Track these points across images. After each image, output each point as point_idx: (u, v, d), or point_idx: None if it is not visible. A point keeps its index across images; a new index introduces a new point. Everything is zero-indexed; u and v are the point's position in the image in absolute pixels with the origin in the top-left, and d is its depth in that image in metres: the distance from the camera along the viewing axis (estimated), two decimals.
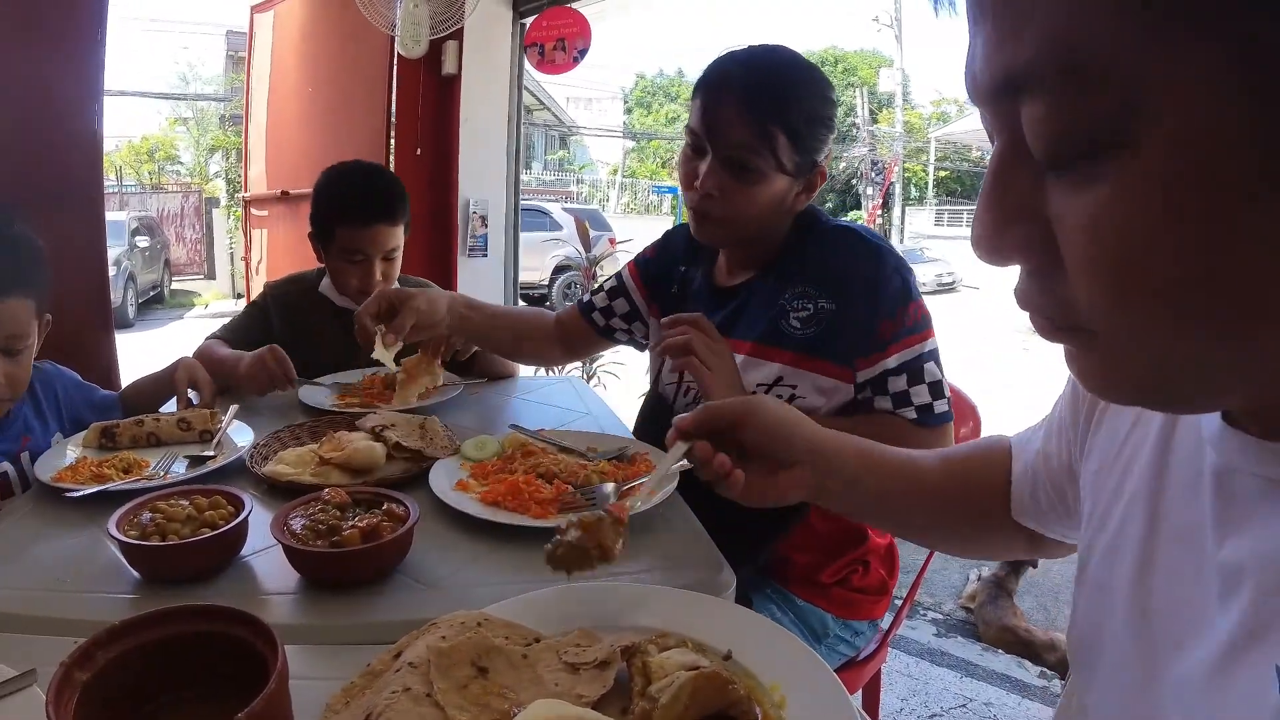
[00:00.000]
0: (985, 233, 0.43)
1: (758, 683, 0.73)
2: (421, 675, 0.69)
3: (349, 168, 2.06)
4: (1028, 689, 2.77)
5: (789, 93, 1.36)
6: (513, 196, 4.59)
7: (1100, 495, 0.64)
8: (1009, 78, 0.39)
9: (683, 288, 1.66)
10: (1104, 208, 0.37)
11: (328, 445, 1.35)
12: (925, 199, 30.47)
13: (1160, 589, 0.55)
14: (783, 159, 1.36)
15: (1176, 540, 0.55)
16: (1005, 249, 0.43)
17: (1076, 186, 0.38)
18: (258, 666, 0.61)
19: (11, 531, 1.14)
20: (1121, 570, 0.59)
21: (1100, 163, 0.37)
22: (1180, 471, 0.56)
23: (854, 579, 1.50)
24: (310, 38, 4.86)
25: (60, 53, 2.36)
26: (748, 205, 1.39)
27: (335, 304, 2.07)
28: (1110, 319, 0.40)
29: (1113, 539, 0.61)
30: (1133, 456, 0.61)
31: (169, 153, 20.75)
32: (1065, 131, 0.37)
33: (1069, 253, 0.40)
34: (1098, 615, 0.61)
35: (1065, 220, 0.39)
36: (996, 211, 0.42)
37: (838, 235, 1.44)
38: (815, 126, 1.38)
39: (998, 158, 0.42)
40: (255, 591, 1.00)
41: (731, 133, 1.36)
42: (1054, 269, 0.41)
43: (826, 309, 1.37)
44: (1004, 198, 0.42)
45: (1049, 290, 0.43)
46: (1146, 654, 0.55)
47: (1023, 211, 0.41)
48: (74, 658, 0.59)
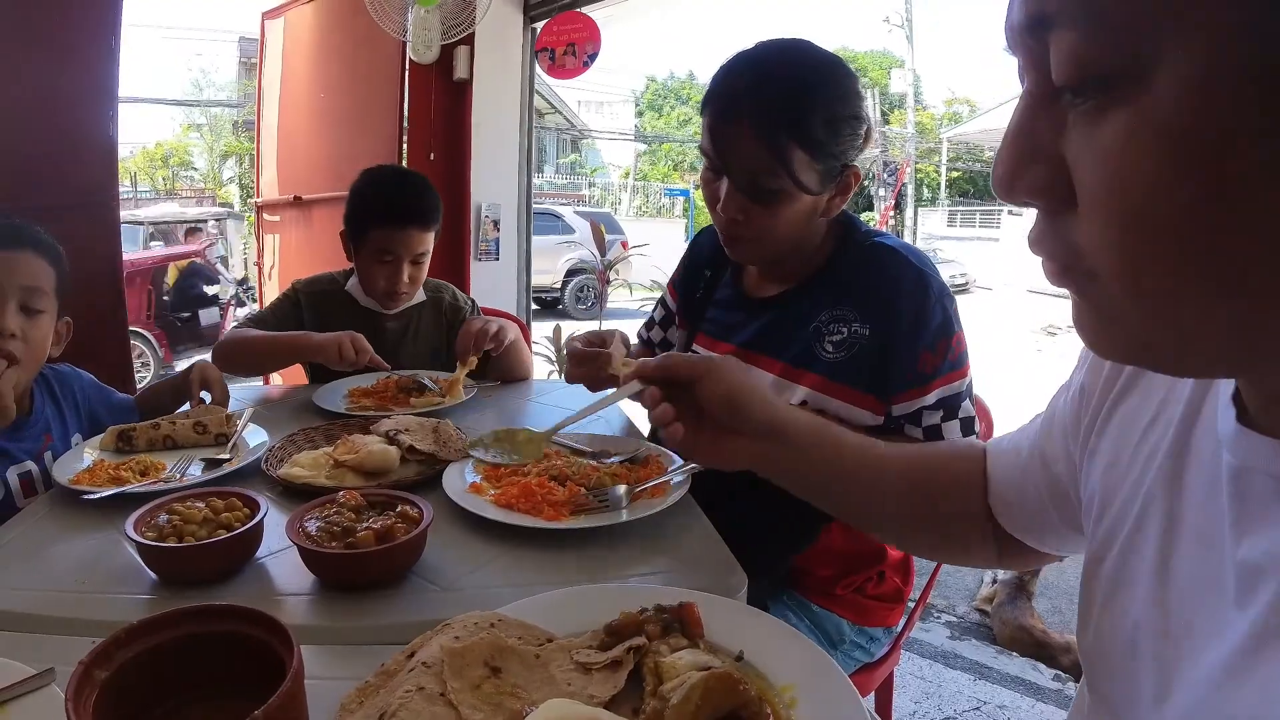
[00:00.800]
0: (1006, 170, 0.44)
1: (769, 684, 0.73)
2: (435, 675, 0.69)
3: (388, 170, 2.11)
4: (1042, 692, 2.75)
5: (802, 101, 1.25)
6: (525, 200, 4.60)
7: (1114, 493, 0.64)
8: (1040, 13, 0.41)
9: (707, 292, 1.61)
10: (1115, 141, 0.38)
11: (342, 448, 1.36)
12: (938, 200, 30.34)
13: (1180, 588, 0.55)
14: (802, 177, 1.27)
15: (1196, 540, 0.54)
16: (1023, 187, 0.44)
17: (1093, 120, 0.40)
18: (274, 666, 0.61)
19: (30, 533, 1.16)
20: (1141, 568, 0.59)
21: (1116, 95, 0.38)
22: (1199, 472, 0.55)
23: (869, 587, 1.49)
24: (322, 44, 4.89)
25: (75, 60, 2.39)
26: (774, 226, 1.32)
27: (360, 304, 2.09)
28: (1112, 257, 0.41)
29: (1130, 537, 0.61)
30: (1151, 454, 0.60)
31: (183, 158, 20.90)
32: (1086, 57, 0.39)
33: (1081, 189, 0.41)
34: (1115, 613, 0.61)
35: (1082, 157, 0.41)
36: (1019, 150, 0.44)
37: (878, 255, 1.36)
38: (837, 129, 1.27)
39: (1025, 100, 0.44)
40: (271, 592, 1.01)
41: (744, 156, 1.28)
42: (1067, 211, 0.43)
43: (860, 334, 1.32)
44: (1027, 138, 0.44)
45: (1060, 234, 0.44)
46: (1167, 653, 0.54)
47: (1043, 151, 0.43)
48: (93, 656, 0.60)
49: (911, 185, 25.41)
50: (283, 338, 1.93)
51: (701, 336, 1.56)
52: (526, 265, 4.69)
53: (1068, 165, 0.42)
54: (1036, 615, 3.09)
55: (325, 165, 4.65)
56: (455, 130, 4.30)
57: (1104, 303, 0.44)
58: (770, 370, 1.40)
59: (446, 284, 2.25)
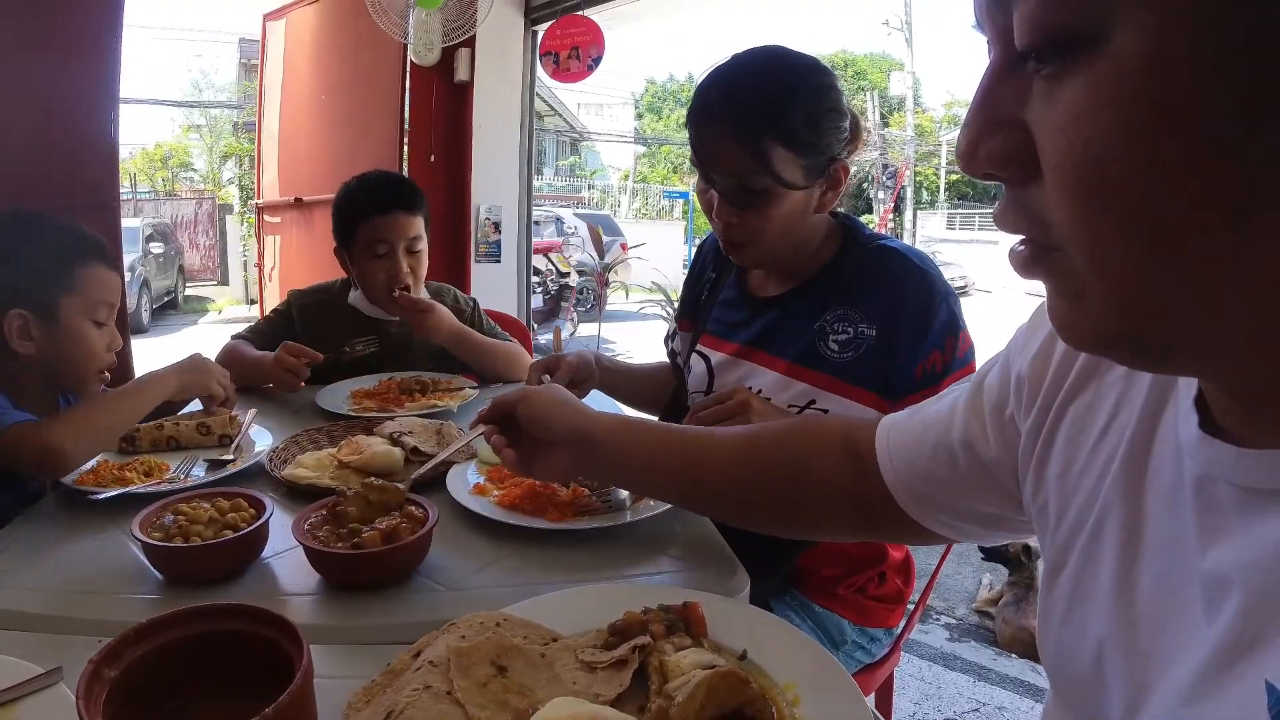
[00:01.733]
0: (968, 140, 0.44)
1: (772, 682, 0.74)
2: (441, 674, 0.70)
3: (365, 174, 2.09)
4: (1040, 693, 2.76)
5: (776, 101, 1.28)
6: (525, 202, 4.61)
7: (1069, 500, 0.62)
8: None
9: (711, 293, 1.62)
10: (1074, 105, 0.38)
11: (346, 449, 1.37)
12: (937, 202, 30.36)
13: (1144, 601, 0.53)
14: (785, 174, 1.29)
15: (1158, 551, 0.53)
16: (984, 156, 0.43)
17: (1053, 85, 0.39)
18: (281, 665, 0.62)
19: (36, 534, 1.16)
20: (1101, 580, 0.57)
21: (1076, 59, 0.38)
22: (1158, 480, 0.54)
23: (870, 588, 1.50)
24: (323, 45, 4.90)
25: (76, 61, 2.39)
26: (767, 227, 1.34)
27: (365, 314, 2.09)
28: (1074, 226, 0.40)
29: (1087, 547, 0.59)
30: (1107, 460, 0.59)
31: (183, 160, 20.91)
32: (1046, 20, 0.38)
33: (1043, 156, 0.41)
34: (1076, 627, 0.59)
35: (1042, 123, 0.40)
36: (982, 119, 0.43)
37: (883, 257, 1.38)
38: (816, 123, 1.29)
39: (989, 70, 0.43)
40: (276, 592, 1.01)
41: (725, 161, 1.31)
42: (1031, 182, 0.42)
43: (867, 334, 1.33)
44: (990, 108, 0.43)
45: (1025, 206, 0.43)
46: (1135, 668, 0.53)
47: (1006, 120, 0.42)
48: (103, 655, 0.61)
49: (911, 188, 25.41)
50: (249, 358, 1.92)
51: (706, 337, 1.56)
52: (527, 268, 4.70)
53: (1031, 134, 0.41)
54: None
55: (326, 167, 4.66)
56: (456, 132, 4.31)
57: (1070, 280, 0.43)
58: (773, 369, 1.41)
59: (447, 286, 2.25)
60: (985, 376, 0.76)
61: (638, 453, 1.04)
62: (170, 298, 13.88)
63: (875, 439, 0.87)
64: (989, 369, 0.76)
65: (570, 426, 1.04)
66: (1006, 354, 0.74)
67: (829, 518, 0.95)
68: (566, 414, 1.06)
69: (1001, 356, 0.75)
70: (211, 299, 14.91)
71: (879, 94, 30.42)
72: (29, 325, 1.37)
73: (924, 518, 0.84)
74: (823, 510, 0.94)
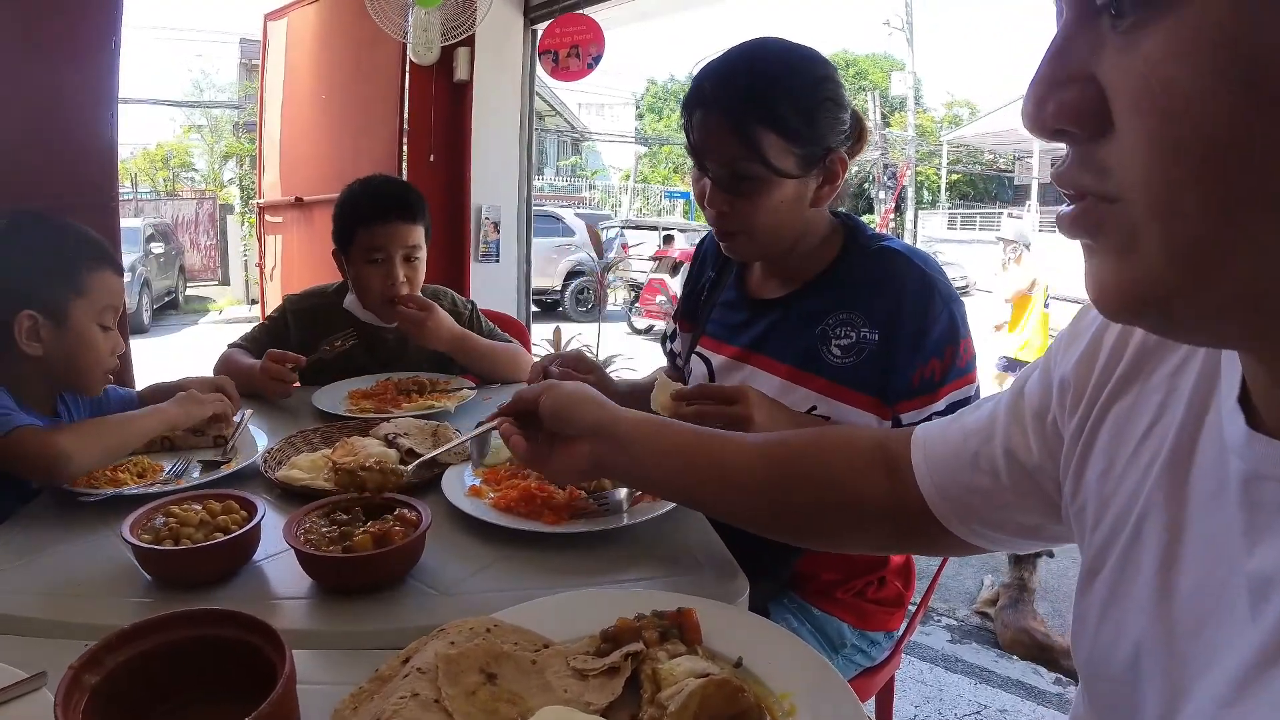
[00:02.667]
0: (1037, 94, 0.43)
1: (768, 690, 0.73)
2: (430, 681, 0.68)
3: (367, 178, 2.08)
4: (1043, 696, 2.75)
5: (769, 89, 1.27)
6: (525, 202, 4.60)
7: (1110, 501, 0.61)
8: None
9: (710, 293, 1.60)
10: (1154, 54, 0.37)
11: (341, 450, 1.35)
12: (938, 202, 30.36)
13: (1185, 601, 0.53)
14: (776, 161, 1.27)
15: (1201, 550, 0.52)
16: (1053, 110, 0.43)
17: (1132, 37, 0.38)
18: (266, 671, 0.61)
19: (27, 535, 1.15)
20: (1141, 580, 0.56)
21: (1157, 8, 0.37)
22: (1204, 479, 0.53)
23: (870, 591, 1.48)
24: (323, 45, 4.89)
25: (74, 61, 2.39)
26: (760, 217, 1.32)
27: (360, 319, 2.08)
28: (1143, 172, 0.39)
29: (1127, 547, 0.59)
30: (1150, 461, 0.58)
31: (184, 160, 20.91)
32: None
33: (1117, 107, 0.40)
34: (1114, 627, 0.59)
35: (1117, 75, 0.40)
36: (1052, 73, 0.43)
37: (885, 259, 1.35)
38: (810, 112, 1.28)
39: (1064, 26, 0.42)
40: (267, 596, 1.00)
41: (717, 148, 1.30)
42: (1098, 135, 0.41)
43: (869, 339, 1.31)
44: (1061, 61, 0.42)
45: (1088, 159, 0.43)
46: (1173, 670, 0.52)
47: (1078, 73, 0.42)
48: (83, 661, 0.60)
49: (912, 188, 25.40)
50: (243, 368, 1.89)
51: (705, 339, 1.55)
52: (526, 267, 4.69)
53: (1102, 87, 0.41)
54: (1039, 618, 3.08)
55: (327, 166, 4.66)
56: (455, 132, 4.30)
57: (1124, 232, 0.42)
58: (774, 373, 1.39)
59: (445, 289, 2.23)
60: (1026, 383, 0.75)
61: (665, 452, 1.00)
62: (171, 298, 13.88)
63: (910, 452, 0.86)
64: (1029, 375, 0.76)
65: (594, 420, 1.00)
66: (1048, 360, 0.73)
67: (862, 530, 0.92)
68: (591, 408, 1.01)
69: (1042, 363, 0.74)
70: (212, 299, 14.91)
71: (880, 94, 30.39)
72: (38, 327, 1.37)
73: (962, 530, 0.83)
74: (855, 523, 0.92)
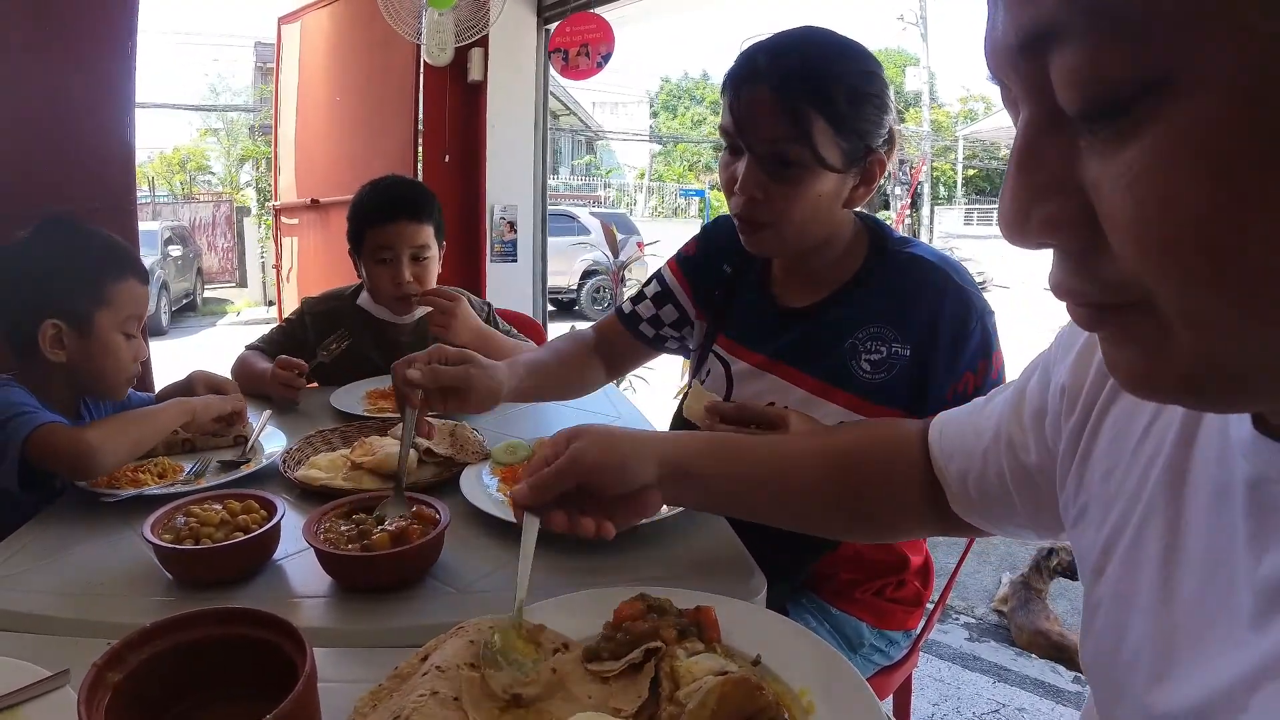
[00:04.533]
0: (1014, 211, 0.39)
1: (786, 688, 0.72)
2: (449, 679, 0.69)
3: (378, 179, 2.09)
4: (1061, 694, 2.73)
5: (824, 71, 1.21)
6: (540, 201, 4.61)
7: (1112, 503, 0.60)
8: (1036, 29, 0.35)
9: (728, 293, 1.53)
10: (1147, 165, 0.33)
11: (359, 450, 1.36)
12: (954, 198, 30.22)
13: (1185, 605, 0.52)
14: (823, 150, 1.21)
15: (1202, 555, 0.51)
16: (1036, 228, 0.39)
17: (1115, 143, 0.34)
18: (286, 669, 0.61)
19: (49, 535, 1.16)
20: (1143, 582, 0.56)
21: (1141, 112, 0.33)
22: (1204, 479, 0.52)
23: (888, 591, 1.47)
24: (337, 48, 4.91)
25: (92, 67, 2.40)
26: (795, 208, 1.25)
27: (374, 316, 2.09)
28: (1164, 288, 0.35)
29: (1129, 550, 0.58)
30: (1149, 462, 0.57)
31: (200, 163, 21.06)
32: (1100, 77, 0.33)
33: (1109, 220, 0.36)
34: (1116, 630, 0.58)
35: (1103, 184, 0.36)
36: (1026, 187, 0.38)
37: (918, 269, 1.30)
38: (860, 104, 1.23)
39: (1025, 129, 0.38)
40: (287, 595, 1.01)
41: (764, 125, 1.22)
42: (1091, 246, 0.38)
43: (901, 354, 1.27)
44: (1034, 171, 0.38)
45: (1087, 272, 0.39)
46: (1172, 671, 0.52)
47: (1055, 184, 0.38)
48: (106, 659, 0.60)
49: (928, 183, 25.27)
50: (257, 371, 1.91)
51: (724, 339, 1.50)
52: (542, 266, 4.70)
53: (1086, 194, 0.37)
54: (1053, 617, 3.06)
55: (342, 168, 4.68)
56: (470, 132, 4.32)
57: (1150, 333, 0.38)
58: (801, 385, 1.35)
59: (460, 290, 2.24)
60: (1028, 383, 0.75)
61: (737, 477, 0.96)
62: (189, 300, 13.97)
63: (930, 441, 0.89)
64: (1030, 374, 0.76)
65: (658, 465, 0.92)
66: (1047, 360, 0.73)
67: (913, 517, 0.94)
68: (644, 454, 0.92)
69: (1042, 362, 0.74)
70: (230, 301, 15.00)
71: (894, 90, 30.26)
72: (62, 335, 1.38)
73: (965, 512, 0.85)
74: (900, 512, 0.94)
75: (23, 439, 1.22)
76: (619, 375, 1.76)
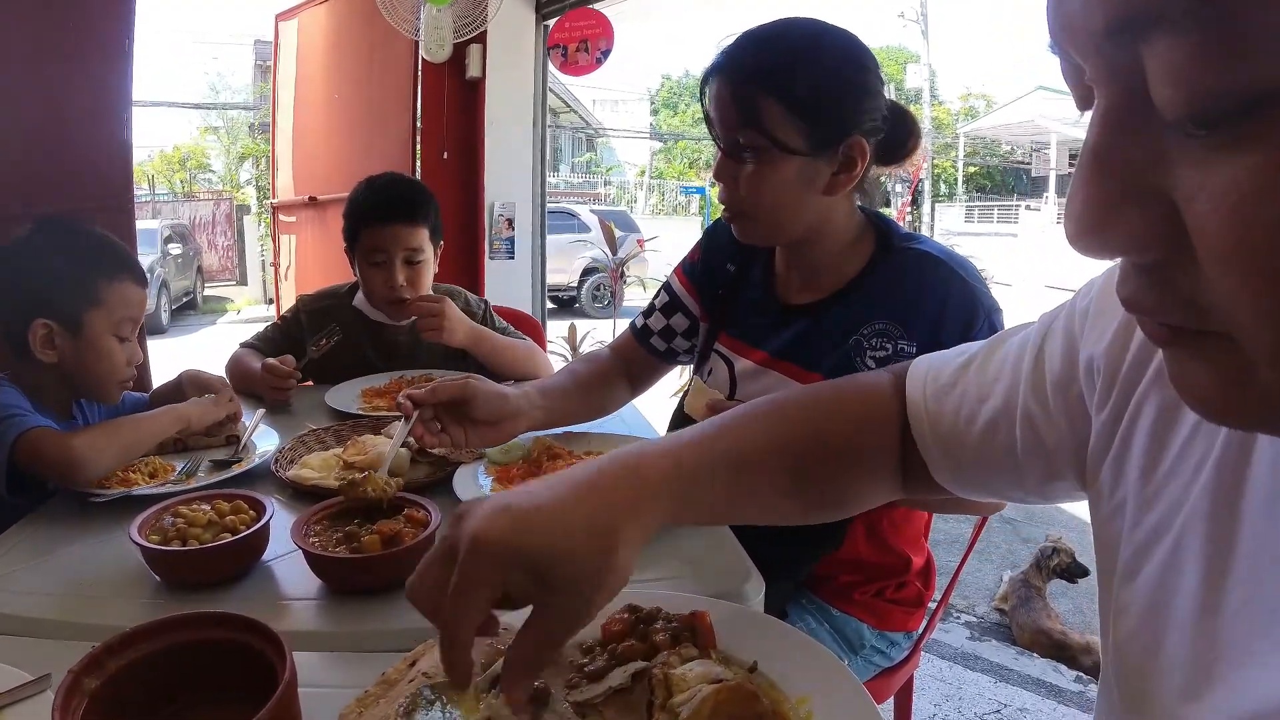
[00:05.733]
0: (1090, 219, 0.33)
1: (784, 696, 0.71)
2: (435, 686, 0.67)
3: (377, 176, 2.07)
4: (1063, 694, 2.72)
5: (784, 60, 1.22)
6: (539, 199, 4.60)
7: (1151, 503, 0.57)
8: (1134, 13, 0.29)
9: (732, 291, 1.52)
10: (1254, 180, 0.28)
11: (352, 449, 1.35)
12: (955, 195, 30.21)
13: (1233, 617, 0.49)
14: (778, 132, 1.21)
15: (1255, 565, 0.48)
16: (1115, 239, 0.33)
17: (1217, 153, 0.29)
18: (268, 674, 0.60)
19: (37, 536, 1.15)
20: (1184, 591, 0.52)
21: (1256, 120, 0.28)
22: (1258, 487, 0.49)
23: (889, 591, 1.46)
24: (335, 44, 4.90)
25: (90, 64, 2.40)
26: (762, 192, 1.25)
27: (369, 317, 2.08)
28: (1259, 326, 0.31)
29: (1170, 554, 0.54)
30: (1198, 464, 0.53)
31: (200, 161, 21.06)
32: (1216, 81, 0.27)
33: (1204, 240, 0.31)
34: (1150, 639, 0.55)
35: (1200, 199, 0.30)
36: (1103, 191, 0.33)
37: (924, 266, 1.29)
38: (828, 93, 1.22)
39: (1105, 121, 0.32)
40: (276, 597, 0.99)
41: (723, 114, 1.25)
42: (1177, 261, 0.32)
43: (907, 352, 1.24)
44: (1112, 173, 0.33)
45: (1169, 289, 0.34)
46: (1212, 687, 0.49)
47: (1138, 189, 0.32)
48: (83, 665, 0.59)
49: (928, 181, 25.27)
50: (250, 371, 1.88)
51: (726, 337, 1.49)
52: (541, 264, 4.69)
53: (1172, 205, 0.32)
54: (1054, 616, 3.05)
55: (340, 165, 4.67)
56: (468, 129, 4.31)
57: (1233, 366, 0.33)
58: (803, 383, 1.31)
59: (458, 288, 2.22)
60: (1041, 348, 0.70)
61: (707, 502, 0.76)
62: (189, 298, 13.97)
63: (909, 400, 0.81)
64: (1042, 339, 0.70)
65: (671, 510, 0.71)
66: (1068, 323, 0.68)
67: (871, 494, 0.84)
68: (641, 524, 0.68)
69: (1062, 324, 0.69)
70: (230, 299, 14.99)
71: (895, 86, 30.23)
72: (53, 335, 1.37)
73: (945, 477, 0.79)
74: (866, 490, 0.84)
75: (9, 443, 1.21)
76: (642, 391, 1.74)
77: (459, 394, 1.30)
